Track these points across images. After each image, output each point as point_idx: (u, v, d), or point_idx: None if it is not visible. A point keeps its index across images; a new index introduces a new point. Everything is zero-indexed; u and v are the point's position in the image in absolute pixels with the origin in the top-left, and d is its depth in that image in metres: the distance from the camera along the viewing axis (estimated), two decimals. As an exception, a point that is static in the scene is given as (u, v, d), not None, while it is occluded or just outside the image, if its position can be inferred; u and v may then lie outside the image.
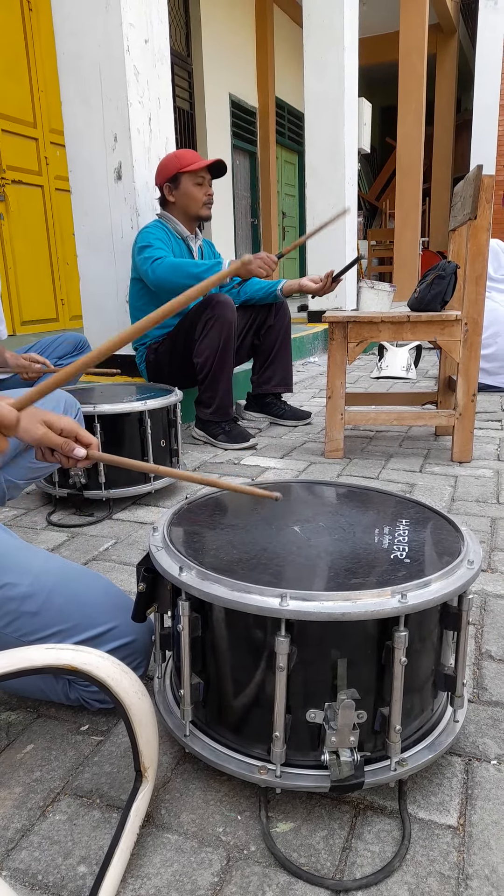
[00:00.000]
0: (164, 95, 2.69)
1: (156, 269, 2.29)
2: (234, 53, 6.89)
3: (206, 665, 0.81)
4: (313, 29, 4.80)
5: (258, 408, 2.89)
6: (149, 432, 1.80)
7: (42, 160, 4.64)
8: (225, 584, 0.73)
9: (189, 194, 2.46)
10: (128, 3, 2.43)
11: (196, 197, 2.46)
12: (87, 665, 0.73)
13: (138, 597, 0.86)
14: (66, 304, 5.01)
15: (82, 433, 1.03)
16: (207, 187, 2.48)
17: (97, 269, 2.80)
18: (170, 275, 2.27)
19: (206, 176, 2.47)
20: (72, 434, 1.01)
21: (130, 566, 1.45)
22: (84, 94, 2.58)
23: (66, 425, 1.02)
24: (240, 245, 7.62)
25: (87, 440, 1.02)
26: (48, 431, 0.99)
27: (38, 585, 0.88)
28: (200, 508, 0.99)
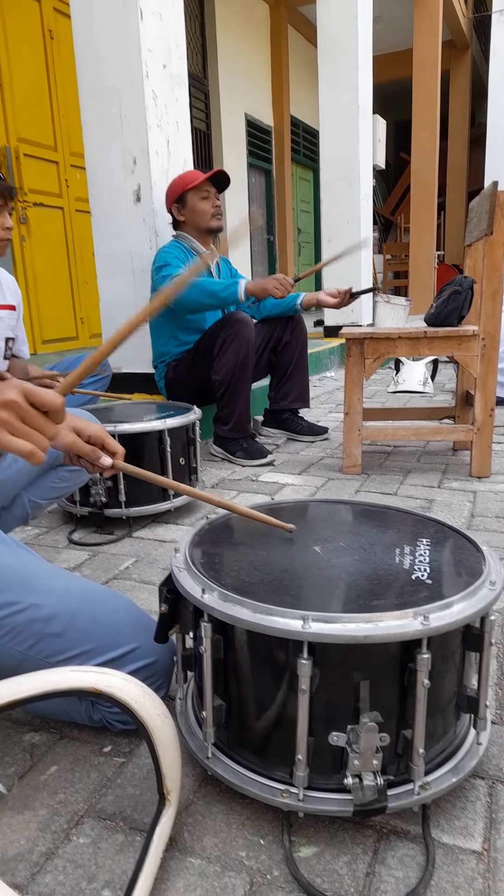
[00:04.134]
0: (182, 118, 2.74)
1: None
2: (250, 74, 6.99)
3: (229, 687, 0.81)
4: (328, 49, 4.86)
5: (275, 423, 2.90)
6: (168, 450, 1.81)
7: (62, 182, 4.73)
8: (247, 606, 0.74)
9: (196, 209, 2.51)
10: (147, 31, 2.48)
11: (203, 210, 2.51)
12: (110, 688, 0.73)
13: (160, 618, 0.87)
14: (85, 322, 5.07)
15: (109, 441, 1.04)
16: (214, 199, 2.53)
17: (117, 289, 2.84)
18: (190, 293, 2.30)
19: (210, 189, 2.51)
20: (99, 442, 1.03)
21: (151, 585, 1.46)
22: (104, 118, 2.63)
23: (94, 432, 1.03)
24: (256, 261, 7.68)
25: (114, 448, 1.04)
26: (77, 438, 1.01)
27: (61, 607, 0.89)
28: (221, 529, 1.00)
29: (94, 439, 1.02)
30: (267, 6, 7.19)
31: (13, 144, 4.26)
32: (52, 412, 0.72)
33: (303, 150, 8.59)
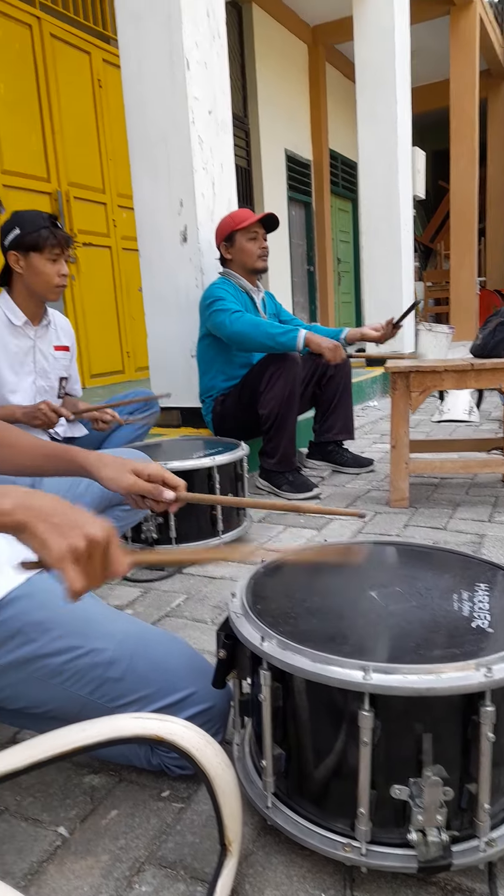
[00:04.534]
0: (227, 161, 2.82)
1: (234, 321, 2.38)
2: (289, 111, 7.14)
3: (288, 735, 0.81)
4: (366, 85, 4.94)
5: (320, 456, 2.90)
6: (217, 487, 1.84)
7: (110, 223, 4.90)
8: (306, 655, 0.74)
9: (244, 250, 2.57)
10: (193, 79, 2.58)
11: (250, 251, 2.57)
12: (172, 735, 0.74)
13: (219, 663, 0.88)
14: (131, 356, 5.20)
15: (169, 476, 1.06)
16: (261, 241, 2.59)
17: (164, 327, 2.91)
18: (249, 330, 2.37)
19: (258, 230, 2.58)
20: (159, 479, 1.05)
21: (202, 623, 1.47)
22: (152, 164, 2.73)
23: (153, 471, 1.06)
24: (296, 291, 7.76)
25: (174, 482, 1.06)
26: (137, 479, 1.04)
27: (121, 651, 0.91)
28: (276, 572, 1.01)
29: (154, 477, 1.05)
30: (305, 45, 7.38)
31: (64, 189, 4.44)
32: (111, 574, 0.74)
33: (341, 182, 8.70)
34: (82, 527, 0.71)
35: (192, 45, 2.56)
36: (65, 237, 1.95)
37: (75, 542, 0.70)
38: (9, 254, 1.94)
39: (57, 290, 1.99)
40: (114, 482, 1.04)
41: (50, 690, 0.90)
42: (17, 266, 1.94)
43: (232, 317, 2.41)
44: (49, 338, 2.14)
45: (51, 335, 2.15)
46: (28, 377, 2.09)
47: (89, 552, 0.71)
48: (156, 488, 1.03)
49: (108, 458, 1.08)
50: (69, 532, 0.70)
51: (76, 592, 0.70)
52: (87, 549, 0.71)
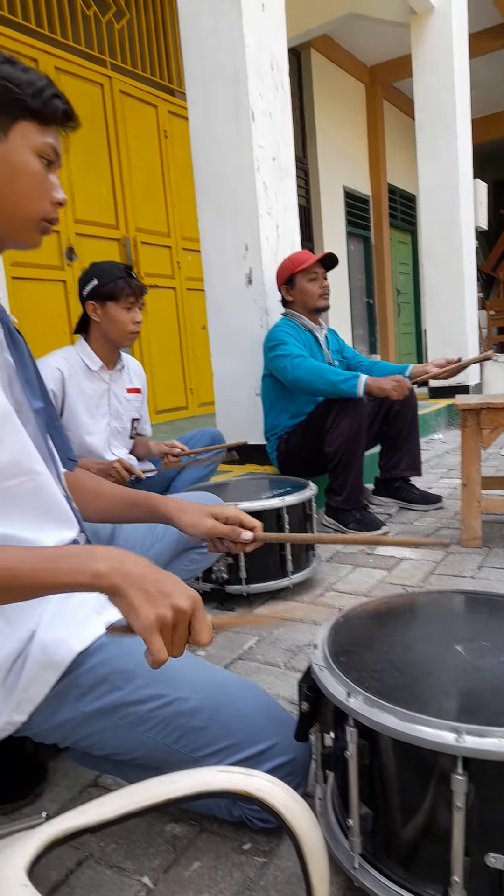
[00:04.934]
0: (290, 205, 2.89)
1: (296, 367, 2.42)
2: (347, 148, 7.26)
3: (375, 794, 0.80)
4: (426, 121, 4.98)
5: (387, 492, 2.87)
6: (287, 528, 1.84)
7: (175, 265, 5.07)
8: (395, 714, 0.73)
9: (305, 291, 2.61)
10: (258, 129, 2.67)
11: (311, 292, 2.61)
12: (259, 791, 0.74)
13: (301, 716, 0.88)
14: (194, 392, 5.31)
15: (246, 518, 1.09)
16: (322, 280, 2.62)
17: (229, 366, 2.97)
18: (309, 376, 2.39)
19: (318, 271, 2.61)
20: (236, 521, 1.07)
21: (275, 667, 1.47)
22: (218, 210, 2.82)
23: (230, 514, 1.08)
24: (356, 324, 7.78)
25: (251, 524, 1.08)
26: (216, 523, 1.06)
27: (204, 700, 0.92)
28: (356, 622, 1.00)
29: (232, 519, 1.07)
30: (362, 85, 7.52)
31: (132, 234, 4.63)
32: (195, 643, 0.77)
33: (400, 216, 8.73)
34: (171, 596, 0.74)
35: (257, 97, 2.66)
36: (139, 287, 2.03)
37: (163, 611, 0.72)
38: (87, 303, 2.04)
39: (131, 337, 2.07)
40: (194, 528, 1.07)
41: (136, 738, 0.91)
42: (95, 315, 2.03)
43: (293, 362, 2.43)
44: (122, 381, 2.22)
45: (124, 378, 2.23)
46: (103, 419, 2.17)
47: (175, 622, 0.73)
48: (234, 530, 1.05)
49: (187, 505, 1.11)
50: (158, 600, 0.73)
51: (159, 662, 0.73)
52: (173, 618, 0.73)
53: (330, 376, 2.37)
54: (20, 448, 0.92)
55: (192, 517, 1.08)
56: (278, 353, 2.49)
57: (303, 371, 2.41)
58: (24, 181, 0.88)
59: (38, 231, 0.93)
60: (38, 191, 0.90)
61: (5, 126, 0.86)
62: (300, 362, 2.43)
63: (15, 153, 0.87)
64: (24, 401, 0.97)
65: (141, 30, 4.78)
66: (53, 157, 0.92)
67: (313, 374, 2.39)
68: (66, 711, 0.92)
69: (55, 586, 0.76)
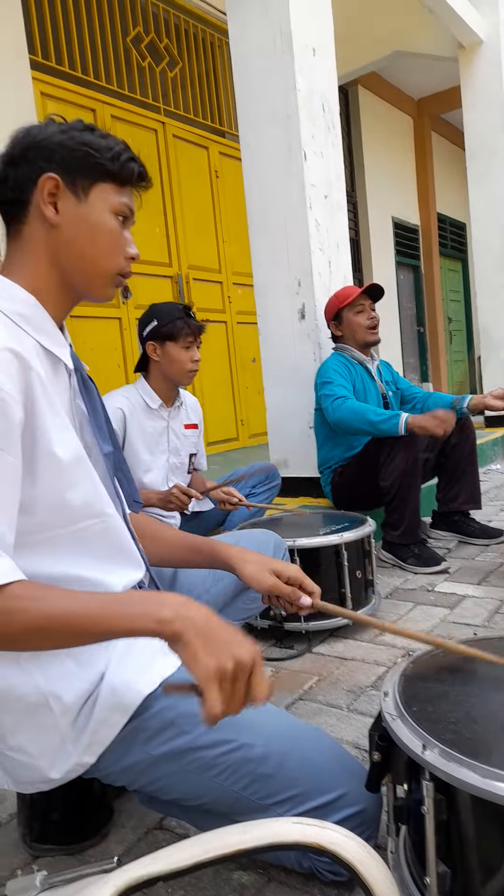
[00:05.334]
0: (342, 240, 2.92)
1: (336, 408, 2.40)
2: (395, 180, 7.31)
3: (452, 851, 0.77)
4: (476, 150, 4.99)
5: (445, 526, 2.81)
6: (345, 564, 1.82)
7: (226, 300, 5.16)
8: (475, 770, 0.71)
9: (353, 324, 2.62)
10: (310, 169, 2.72)
11: (359, 324, 2.61)
12: (333, 845, 0.73)
13: (373, 766, 0.86)
14: (245, 424, 5.35)
15: (307, 582, 1.08)
16: (370, 312, 2.62)
17: (282, 399, 2.99)
18: (350, 417, 2.38)
19: (364, 302, 2.61)
20: (297, 582, 1.07)
21: (337, 709, 1.44)
22: (271, 247, 2.88)
23: (292, 573, 1.08)
24: (407, 352, 7.73)
25: (311, 588, 1.08)
26: (277, 581, 1.07)
27: (271, 746, 0.91)
28: (426, 667, 0.98)
29: (293, 580, 1.07)
30: (410, 118, 7.59)
31: (184, 272, 4.75)
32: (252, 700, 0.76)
33: (450, 244, 8.69)
34: (231, 647, 0.74)
35: (308, 138, 2.72)
36: (198, 326, 2.08)
37: (224, 662, 0.72)
38: (147, 343, 2.09)
39: (190, 375, 2.12)
40: (256, 582, 1.07)
41: (203, 784, 0.91)
42: (154, 355, 2.09)
43: (334, 403, 2.42)
44: (181, 417, 2.26)
45: (182, 415, 2.27)
46: (162, 456, 2.21)
47: (234, 675, 0.73)
48: (294, 592, 1.05)
49: (249, 555, 1.11)
50: (220, 650, 0.73)
51: (214, 717, 0.72)
52: (233, 671, 0.73)
53: (370, 417, 2.34)
54: (92, 491, 0.94)
55: (255, 570, 1.08)
56: (324, 392, 2.49)
57: (343, 412, 2.39)
58: (102, 240, 0.93)
59: (112, 285, 0.97)
60: (115, 248, 0.95)
61: (86, 188, 0.91)
62: (340, 403, 2.41)
63: (95, 214, 0.92)
64: (94, 445, 1.01)
65: (193, 77, 4.97)
66: (129, 214, 0.96)
67: (353, 416, 2.38)
68: (135, 754, 0.93)
69: (121, 632, 0.77)
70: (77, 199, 0.92)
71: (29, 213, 0.92)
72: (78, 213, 0.92)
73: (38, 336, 0.91)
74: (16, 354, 0.82)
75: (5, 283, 0.91)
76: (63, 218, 0.91)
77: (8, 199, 0.92)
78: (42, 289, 0.93)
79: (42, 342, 0.91)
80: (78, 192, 0.92)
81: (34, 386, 0.84)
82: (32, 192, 0.90)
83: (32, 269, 0.93)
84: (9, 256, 0.94)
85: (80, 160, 0.91)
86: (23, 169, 0.90)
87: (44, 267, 0.93)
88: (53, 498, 0.88)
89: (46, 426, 0.86)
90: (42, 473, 0.86)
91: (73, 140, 0.91)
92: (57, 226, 0.91)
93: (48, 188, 0.90)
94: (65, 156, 0.90)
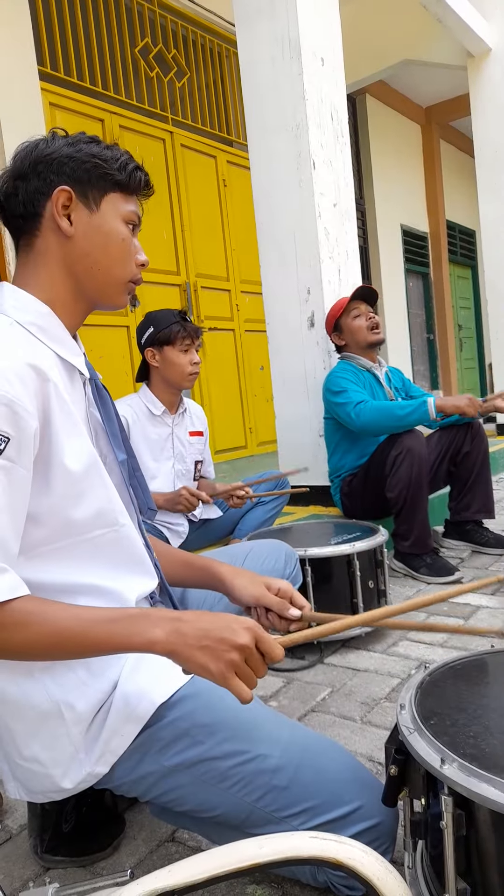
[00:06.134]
0: (351, 248, 2.92)
1: (360, 413, 2.37)
2: (404, 187, 7.32)
3: (471, 866, 0.76)
4: (486, 158, 4.99)
5: (458, 535, 2.78)
6: (357, 574, 1.81)
7: (234, 308, 5.17)
8: (495, 785, 0.70)
9: (352, 329, 2.61)
10: (319, 177, 2.73)
11: (358, 327, 2.60)
12: (351, 860, 0.72)
13: (389, 780, 0.85)
14: (253, 432, 5.34)
15: (297, 596, 1.07)
16: (367, 314, 2.61)
17: (292, 408, 2.98)
18: (376, 418, 2.35)
19: (358, 307, 2.60)
20: (287, 595, 1.06)
21: (351, 721, 1.43)
22: (280, 256, 2.88)
23: (282, 586, 1.07)
24: (416, 360, 7.71)
25: (301, 603, 1.07)
26: (265, 592, 1.06)
27: (286, 758, 0.90)
28: (443, 681, 0.97)
29: (283, 592, 1.06)
30: (418, 126, 7.60)
31: (192, 280, 4.76)
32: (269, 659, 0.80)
33: (460, 251, 8.68)
34: (230, 639, 0.77)
35: (317, 147, 2.72)
36: (194, 329, 2.08)
37: (229, 657, 0.76)
38: (146, 351, 2.11)
39: (190, 378, 2.12)
40: (245, 590, 1.06)
41: (217, 795, 0.90)
42: (154, 361, 2.10)
43: (356, 409, 2.39)
44: (185, 424, 2.26)
45: (186, 422, 2.27)
46: (167, 462, 2.20)
47: (244, 658, 0.77)
48: (282, 603, 1.04)
49: (242, 571, 1.12)
50: (220, 650, 0.76)
51: (247, 699, 0.77)
52: (241, 658, 0.77)
53: (397, 412, 2.32)
54: (106, 499, 0.94)
55: (245, 581, 1.08)
56: (340, 401, 2.45)
57: (368, 415, 2.37)
58: (115, 248, 0.94)
59: (125, 293, 0.98)
60: (128, 256, 0.96)
61: (97, 199, 0.93)
62: (363, 407, 2.38)
63: (107, 223, 0.93)
64: (109, 453, 1.01)
65: (201, 86, 5.00)
66: (137, 222, 0.97)
67: (380, 415, 2.35)
68: (148, 765, 0.92)
69: (113, 649, 0.80)
70: (89, 210, 0.93)
71: (41, 226, 0.93)
72: (91, 223, 0.93)
73: (54, 346, 0.91)
74: (33, 367, 0.83)
75: (21, 295, 0.91)
76: (77, 229, 0.92)
77: (19, 213, 0.93)
78: (57, 299, 0.93)
79: (59, 352, 0.92)
80: (90, 202, 0.93)
81: (50, 398, 0.85)
82: (44, 205, 0.92)
83: (47, 281, 0.93)
84: (20, 268, 0.95)
85: (89, 172, 0.92)
86: (33, 183, 0.91)
87: (58, 278, 0.94)
88: (67, 508, 0.88)
89: (61, 437, 0.86)
90: (56, 483, 0.86)
91: (82, 152, 0.92)
92: (71, 237, 0.92)
93: (62, 200, 0.91)
94: (75, 168, 0.92)
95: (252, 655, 0.78)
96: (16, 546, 0.81)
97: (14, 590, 0.76)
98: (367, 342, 2.62)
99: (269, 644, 0.79)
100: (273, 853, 0.73)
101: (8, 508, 0.78)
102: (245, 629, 0.78)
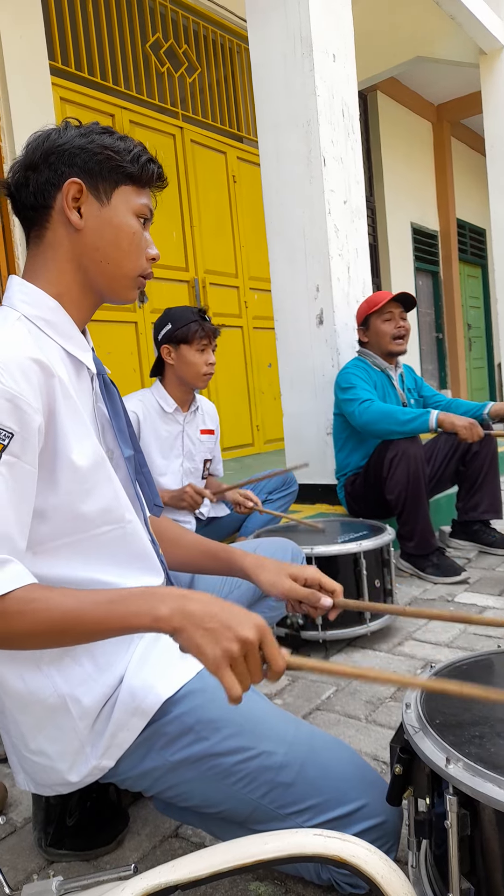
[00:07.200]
0: (361, 246, 2.91)
1: (363, 412, 2.38)
2: (414, 185, 7.28)
3: (475, 866, 0.75)
4: (497, 156, 4.96)
5: (465, 535, 2.77)
6: (364, 573, 1.81)
7: (242, 304, 5.16)
8: (501, 786, 0.69)
9: (379, 332, 2.59)
10: (329, 174, 2.72)
11: (385, 332, 2.58)
12: (355, 858, 0.72)
13: (394, 779, 0.84)
14: (260, 429, 5.34)
15: (325, 581, 1.07)
16: (398, 321, 2.59)
17: (300, 405, 2.98)
18: (377, 419, 2.36)
19: (393, 310, 2.58)
20: (315, 583, 1.06)
21: (356, 720, 1.42)
22: (289, 253, 2.87)
23: (309, 575, 1.07)
24: (425, 359, 7.68)
25: (331, 587, 1.06)
26: (294, 584, 1.05)
27: (291, 755, 0.90)
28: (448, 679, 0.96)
29: (311, 581, 1.06)
30: (429, 123, 7.55)
31: (201, 276, 4.76)
32: (271, 672, 0.77)
33: (470, 250, 8.63)
34: (235, 628, 0.74)
35: (328, 143, 2.71)
36: (212, 329, 2.08)
37: (228, 645, 0.74)
38: (162, 347, 2.09)
39: (205, 378, 2.11)
40: (273, 587, 1.06)
41: (221, 791, 0.90)
42: (169, 358, 2.09)
43: (361, 407, 2.40)
44: (196, 422, 2.26)
45: (198, 420, 2.27)
46: (176, 460, 2.20)
47: (243, 653, 0.75)
48: (313, 594, 1.03)
49: (266, 562, 1.10)
50: (222, 635, 0.74)
51: (234, 698, 0.74)
52: (240, 651, 0.74)
53: (399, 416, 2.33)
54: (113, 496, 0.94)
55: (271, 576, 1.07)
56: (347, 397, 2.47)
57: (370, 415, 2.37)
58: (125, 242, 0.93)
59: (135, 287, 0.97)
60: (138, 249, 0.95)
61: (108, 191, 0.91)
62: (367, 406, 2.39)
63: (118, 217, 0.92)
64: (115, 448, 1.01)
65: (211, 82, 4.98)
66: (149, 215, 0.96)
67: (382, 417, 2.36)
68: (153, 760, 0.92)
69: (119, 629, 0.78)
70: (100, 203, 0.92)
71: (51, 218, 0.92)
72: (102, 216, 0.92)
73: (61, 341, 0.91)
74: (38, 363, 0.82)
75: (30, 289, 0.91)
76: (87, 222, 0.91)
77: (30, 205, 0.92)
78: (66, 293, 0.93)
79: (66, 347, 0.91)
80: (101, 195, 0.92)
81: (56, 393, 0.84)
82: (55, 196, 0.90)
83: (56, 274, 0.93)
84: (30, 261, 0.95)
85: (101, 164, 0.91)
86: (44, 174, 0.90)
87: (67, 271, 0.93)
88: (74, 503, 0.88)
89: (67, 433, 0.86)
90: (63, 479, 0.86)
91: (94, 143, 0.91)
92: (81, 230, 0.91)
93: (72, 193, 0.90)
94: (87, 160, 0.90)
95: (252, 654, 0.75)
96: (22, 541, 0.80)
97: (18, 579, 0.75)
98: (388, 350, 2.62)
99: (274, 651, 0.77)
100: (277, 850, 0.74)
101: (12, 504, 0.78)
102: (254, 625, 0.76)
